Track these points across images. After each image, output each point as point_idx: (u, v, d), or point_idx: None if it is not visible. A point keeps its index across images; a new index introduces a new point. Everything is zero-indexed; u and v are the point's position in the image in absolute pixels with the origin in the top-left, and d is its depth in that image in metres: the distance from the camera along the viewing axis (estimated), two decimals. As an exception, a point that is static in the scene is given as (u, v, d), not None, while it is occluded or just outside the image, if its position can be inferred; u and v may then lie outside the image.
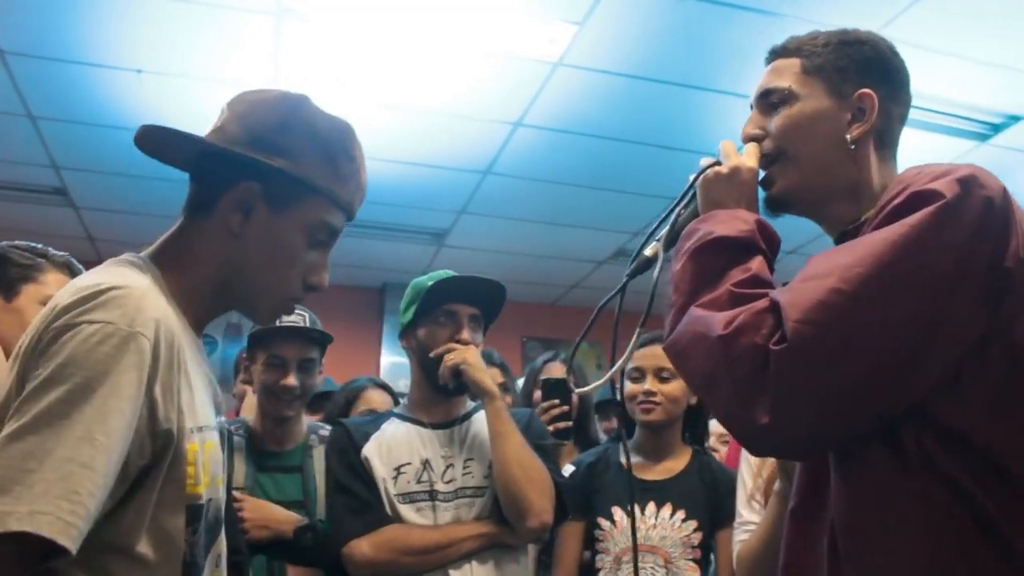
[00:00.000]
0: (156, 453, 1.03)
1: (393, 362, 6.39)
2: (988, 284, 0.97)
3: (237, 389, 2.89)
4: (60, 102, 3.83)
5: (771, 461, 2.12)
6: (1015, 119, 3.91)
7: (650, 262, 1.29)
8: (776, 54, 1.31)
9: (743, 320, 1.00)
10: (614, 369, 1.25)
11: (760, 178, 1.27)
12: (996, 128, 3.98)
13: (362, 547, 1.90)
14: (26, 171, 4.56)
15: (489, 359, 2.79)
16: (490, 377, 2.76)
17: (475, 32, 3.29)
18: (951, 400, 0.97)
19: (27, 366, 0.99)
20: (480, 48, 3.40)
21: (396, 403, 2.94)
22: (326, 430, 2.33)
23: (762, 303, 1.01)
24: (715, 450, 2.92)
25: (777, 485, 1.95)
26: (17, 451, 0.91)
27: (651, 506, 2.25)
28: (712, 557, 2.29)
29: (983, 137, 4.05)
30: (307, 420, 2.40)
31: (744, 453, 2.22)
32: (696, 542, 2.21)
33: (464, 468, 2.00)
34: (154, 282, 1.11)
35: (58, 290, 1.68)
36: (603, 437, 2.92)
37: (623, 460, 2.36)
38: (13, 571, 0.90)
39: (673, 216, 1.30)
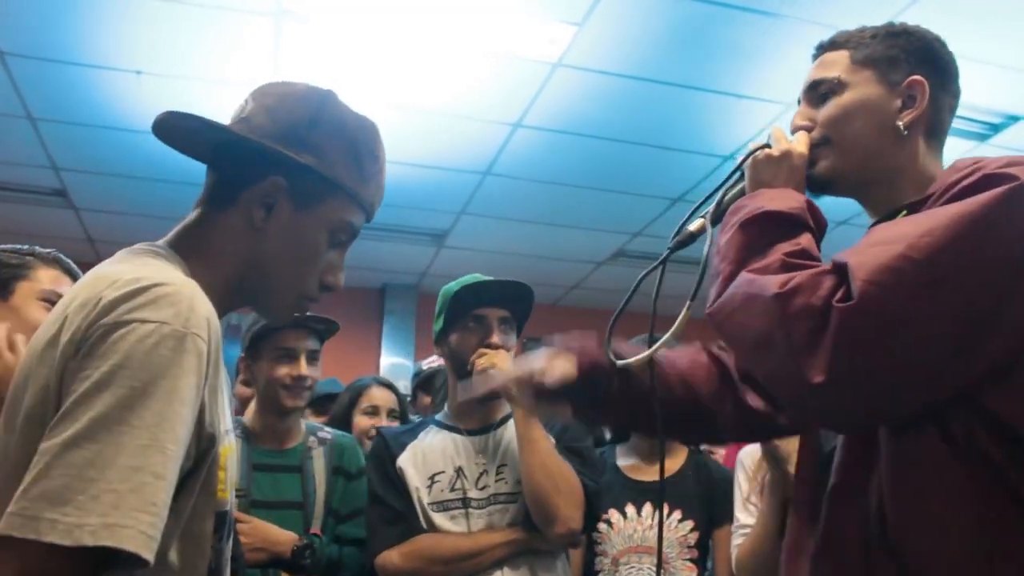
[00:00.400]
0: (199, 457, 0.99)
1: (393, 363, 6.39)
2: None
3: (238, 390, 2.89)
4: (60, 103, 3.83)
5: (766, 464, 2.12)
6: (1014, 119, 3.91)
7: (693, 236, 1.27)
8: (823, 48, 1.30)
9: (800, 280, 0.99)
10: (661, 342, 1.23)
11: (809, 159, 1.27)
12: (996, 128, 3.98)
13: (393, 557, 1.93)
14: (26, 172, 4.56)
15: None
16: None
17: (474, 33, 3.29)
18: (1002, 391, 0.97)
19: (69, 365, 0.92)
20: (479, 49, 3.40)
21: (400, 402, 2.94)
22: (325, 432, 2.32)
23: (820, 267, 1.00)
24: (712, 451, 2.92)
25: (768, 476, 1.94)
26: (76, 459, 0.85)
27: (647, 507, 2.25)
28: (709, 557, 2.29)
29: (982, 137, 4.05)
30: (306, 421, 2.39)
31: (740, 457, 2.22)
32: (693, 542, 2.22)
33: (498, 474, 1.99)
34: (185, 274, 1.06)
35: (52, 285, 1.65)
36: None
37: (619, 463, 2.36)
38: None
39: (719, 195, 1.29)
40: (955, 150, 4.06)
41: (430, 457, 2.02)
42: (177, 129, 1.15)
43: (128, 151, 4.07)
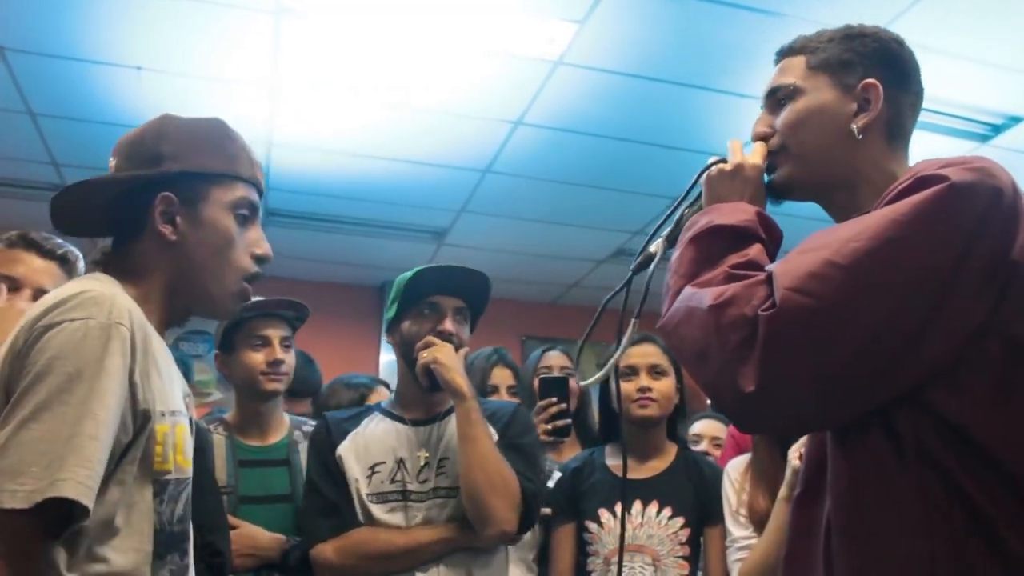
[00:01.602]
0: (136, 431, 1.16)
1: (392, 360, 6.35)
2: (992, 274, 0.95)
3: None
4: (60, 99, 3.82)
5: (751, 476, 2.12)
6: (1016, 120, 3.90)
7: (653, 257, 1.29)
8: (783, 54, 1.32)
9: (734, 291, 0.99)
10: (613, 359, 1.25)
11: (766, 168, 1.28)
12: (997, 129, 3.98)
13: (326, 552, 1.90)
14: (26, 168, 4.55)
15: (502, 359, 2.76)
16: (500, 378, 2.72)
17: (475, 31, 3.29)
18: (948, 391, 0.96)
19: (14, 367, 1.10)
20: (480, 47, 3.39)
21: None
22: (310, 425, 2.31)
23: (756, 277, 1.01)
24: (708, 454, 2.91)
25: (783, 491, 1.94)
26: (27, 438, 1.03)
27: (637, 504, 2.25)
28: (700, 555, 2.29)
29: (984, 138, 4.04)
30: (289, 415, 2.40)
31: (727, 470, 2.22)
32: (684, 539, 2.22)
33: (439, 468, 1.96)
34: (117, 288, 1.22)
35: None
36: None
37: (608, 462, 2.36)
38: (41, 543, 1.04)
39: (678, 214, 1.31)
40: (956, 151, 4.06)
41: (372, 447, 1.98)
42: (74, 207, 1.31)
43: (128, 147, 4.06)
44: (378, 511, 1.92)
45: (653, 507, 2.24)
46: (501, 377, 2.73)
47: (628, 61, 3.49)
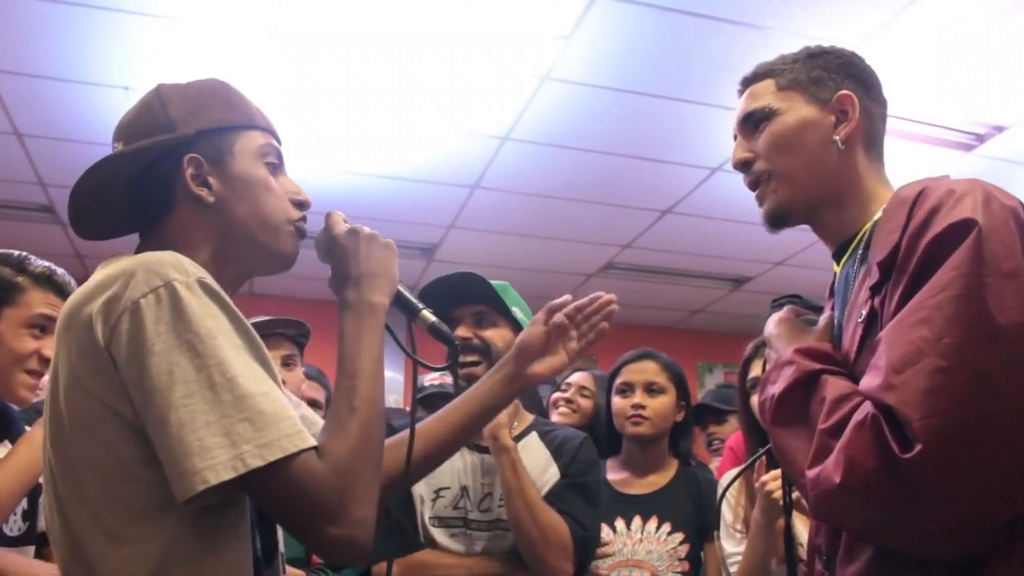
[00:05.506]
0: None
1: (391, 377, 6.35)
2: None
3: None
4: (47, 119, 3.82)
5: (745, 491, 2.12)
6: (999, 129, 3.94)
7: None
8: (748, 81, 1.33)
9: (845, 458, 0.95)
10: None
11: (756, 195, 1.28)
12: (981, 139, 4.01)
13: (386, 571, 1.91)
14: (12, 188, 4.54)
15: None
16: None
17: (462, 47, 3.30)
18: None
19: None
20: (468, 62, 3.41)
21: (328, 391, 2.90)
22: None
23: (851, 424, 0.97)
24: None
25: (760, 518, 1.94)
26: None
27: (637, 520, 2.25)
28: (701, 570, 2.28)
29: (968, 148, 4.08)
30: None
31: (720, 483, 2.22)
32: (683, 554, 2.21)
33: (501, 500, 1.94)
34: None
35: (42, 309, 1.64)
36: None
37: (609, 477, 2.36)
38: None
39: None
40: (941, 160, 4.10)
41: (439, 470, 1.94)
42: (88, 204, 1.23)
43: (116, 167, 4.05)
44: (439, 535, 1.93)
45: (652, 523, 2.24)
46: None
47: (615, 75, 3.51)
